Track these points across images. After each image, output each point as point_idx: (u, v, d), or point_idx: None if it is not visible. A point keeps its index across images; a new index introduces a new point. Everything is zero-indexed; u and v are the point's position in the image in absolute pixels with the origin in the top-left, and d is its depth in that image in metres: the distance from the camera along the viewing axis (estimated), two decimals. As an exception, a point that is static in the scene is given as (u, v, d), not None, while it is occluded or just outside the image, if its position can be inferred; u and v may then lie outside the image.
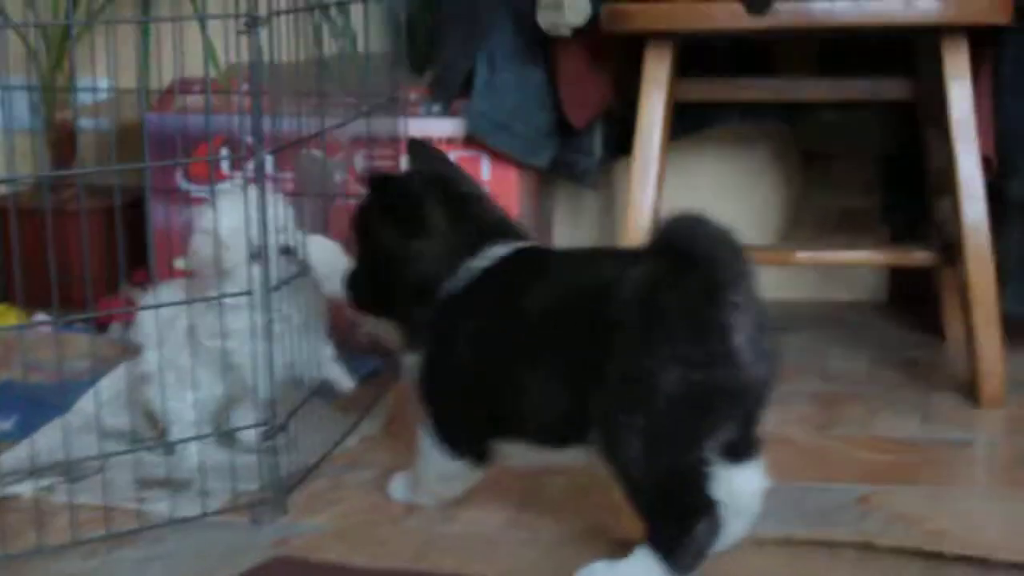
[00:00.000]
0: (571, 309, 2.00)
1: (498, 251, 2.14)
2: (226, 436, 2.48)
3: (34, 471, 2.28)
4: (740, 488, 2.00)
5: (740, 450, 1.99)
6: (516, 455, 2.12)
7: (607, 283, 1.97)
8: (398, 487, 2.30)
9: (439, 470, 2.19)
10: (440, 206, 2.16)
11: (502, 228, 2.19)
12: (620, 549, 1.98)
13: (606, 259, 2.08)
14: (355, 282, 2.25)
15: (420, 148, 2.32)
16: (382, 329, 2.26)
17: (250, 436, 2.39)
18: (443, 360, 2.12)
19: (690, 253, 1.91)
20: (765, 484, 2.02)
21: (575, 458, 2.03)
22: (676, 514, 1.89)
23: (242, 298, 2.28)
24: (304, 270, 2.37)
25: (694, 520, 1.88)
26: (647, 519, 1.92)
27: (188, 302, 2.36)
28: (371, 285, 2.23)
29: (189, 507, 2.26)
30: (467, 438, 2.14)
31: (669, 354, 1.88)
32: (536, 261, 2.14)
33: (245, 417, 2.44)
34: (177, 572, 2.06)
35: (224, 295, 2.29)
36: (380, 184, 2.22)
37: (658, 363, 1.88)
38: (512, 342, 2.04)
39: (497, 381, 2.05)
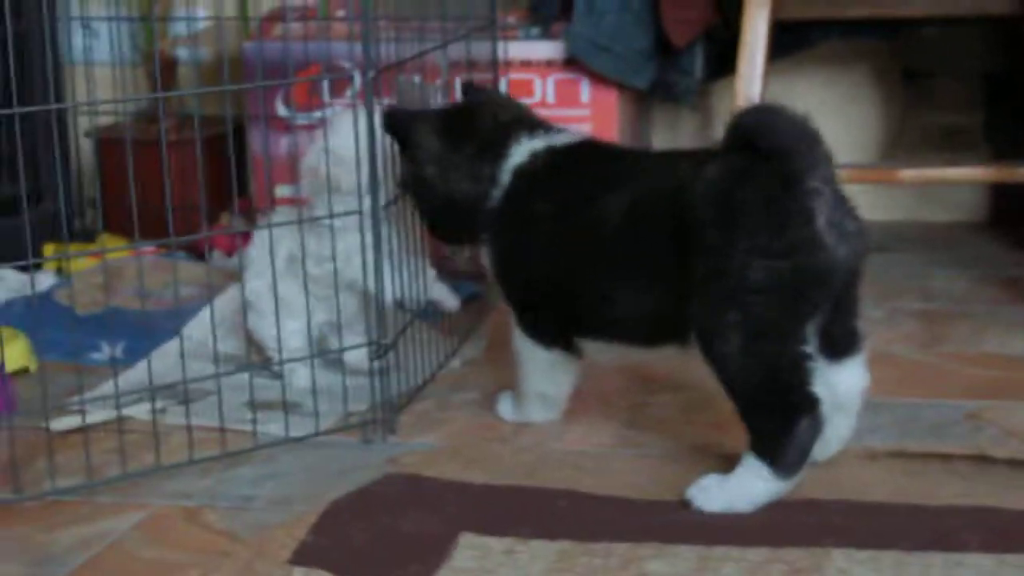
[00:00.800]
0: (647, 212, 2.01)
1: (526, 146, 2.18)
2: (334, 360, 2.50)
3: (149, 394, 2.31)
4: (843, 385, 2.00)
5: (841, 346, 1.99)
6: (604, 352, 2.14)
7: (682, 184, 1.98)
8: (505, 406, 2.32)
9: (536, 364, 2.21)
10: (439, 136, 2.22)
11: (510, 124, 2.22)
12: (728, 464, 1.99)
13: (679, 160, 2.07)
14: (423, 213, 2.31)
15: (471, 88, 2.40)
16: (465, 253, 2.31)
17: (358, 358, 2.40)
18: (512, 257, 2.17)
19: (763, 143, 1.91)
20: (868, 381, 2.03)
21: (666, 356, 2.06)
22: (777, 411, 1.90)
23: (351, 219, 2.29)
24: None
25: (796, 416, 1.89)
26: (748, 418, 1.93)
27: (300, 221, 2.37)
28: (432, 214, 2.28)
29: (300, 427, 2.28)
30: (550, 329, 2.17)
31: (751, 246, 1.89)
32: (589, 156, 2.17)
33: (351, 341, 2.45)
34: (291, 489, 2.09)
35: (335, 215, 2.30)
36: (386, 121, 2.28)
37: (742, 257, 1.89)
38: (584, 248, 2.07)
39: (572, 285, 2.09)
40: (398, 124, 2.26)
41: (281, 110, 3.19)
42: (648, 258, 2.00)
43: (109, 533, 1.96)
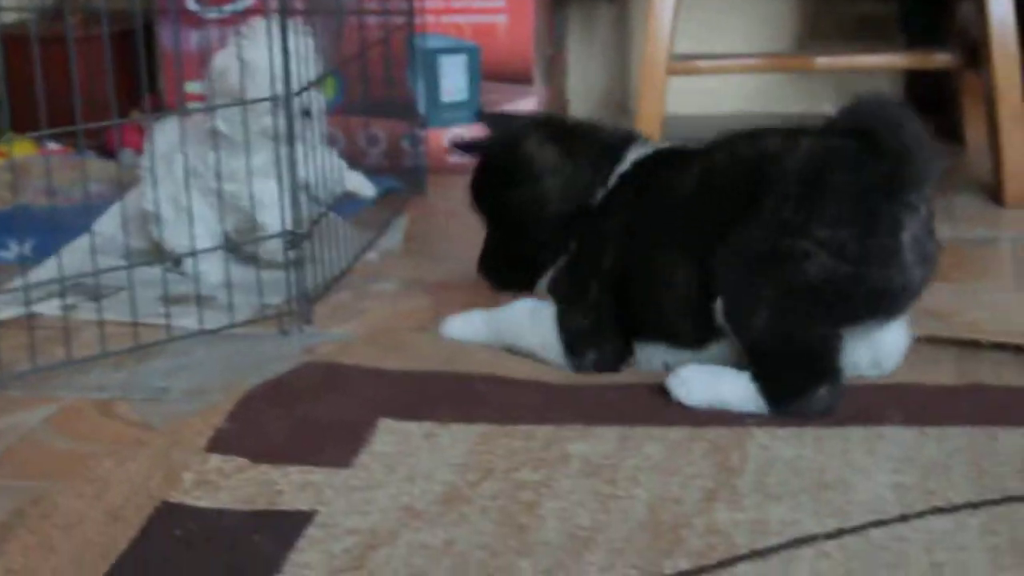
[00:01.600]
0: (723, 183, 1.90)
1: (633, 155, 2.05)
2: (250, 256, 2.46)
3: (59, 290, 2.26)
4: (886, 344, 1.94)
5: None
6: (655, 358, 2.00)
7: (769, 152, 1.87)
8: (454, 327, 2.17)
9: (547, 353, 2.06)
10: (546, 143, 2.07)
11: (626, 136, 2.10)
12: None
13: (771, 132, 1.93)
14: (493, 263, 2.15)
15: (495, 118, 2.23)
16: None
17: (273, 250, 2.36)
18: (589, 262, 2.02)
19: (881, 138, 1.81)
20: (910, 339, 1.96)
21: (712, 359, 1.93)
22: (797, 377, 1.84)
23: (257, 140, 2.28)
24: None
25: (815, 384, 1.83)
26: (765, 374, 1.85)
27: (212, 109, 2.34)
28: (511, 257, 2.12)
29: (215, 320, 2.25)
30: (600, 342, 2.02)
31: (825, 238, 1.80)
32: (681, 154, 2.03)
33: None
34: (206, 380, 2.06)
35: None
36: (481, 153, 2.15)
37: (810, 245, 1.80)
38: (658, 232, 1.95)
39: (644, 274, 1.96)
40: (499, 143, 2.14)
41: (191, 4, 3.13)
42: (713, 230, 1.88)
43: (20, 426, 1.93)
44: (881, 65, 3.02)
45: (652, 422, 1.84)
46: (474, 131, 2.33)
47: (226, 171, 2.34)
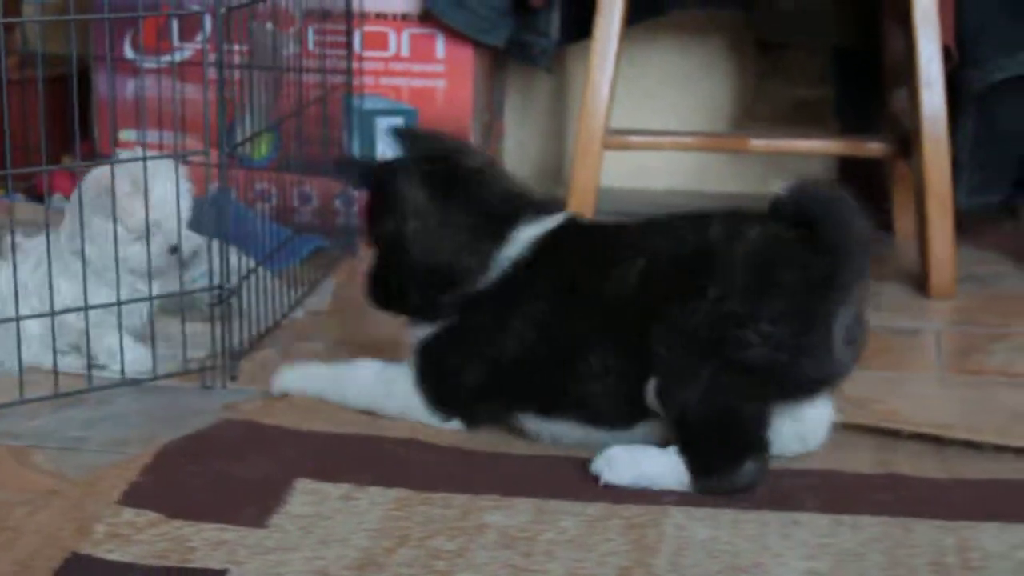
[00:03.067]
0: (667, 268, 1.89)
1: (525, 234, 2.00)
2: (173, 308, 2.44)
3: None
4: (810, 421, 1.95)
5: None
6: (568, 436, 1.99)
7: (719, 240, 1.87)
8: (288, 379, 2.17)
9: (411, 414, 2.07)
10: (424, 187, 2.01)
11: (516, 208, 2.03)
12: None
13: (716, 219, 1.91)
14: (375, 283, 2.10)
15: (408, 135, 2.13)
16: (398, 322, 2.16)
17: (200, 302, 2.35)
18: (483, 339, 1.99)
19: (827, 234, 1.83)
20: (834, 416, 1.98)
21: (634, 438, 1.93)
22: (726, 450, 1.84)
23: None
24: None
25: (742, 457, 1.83)
26: (691, 447, 1.85)
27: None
28: (388, 282, 2.08)
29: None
30: (473, 410, 2.04)
31: (767, 332, 1.81)
32: (595, 235, 2.03)
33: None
34: (125, 432, 2.05)
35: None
36: (364, 173, 2.13)
37: (752, 336, 1.81)
38: (589, 316, 1.93)
39: (564, 360, 1.94)
40: (368, 171, 2.11)
41: (129, 52, 3.13)
42: (651, 314, 1.87)
43: (-67, 470, 1.91)
44: (815, 150, 3.05)
45: (569, 496, 1.84)
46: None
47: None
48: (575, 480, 1.88)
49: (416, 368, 2.05)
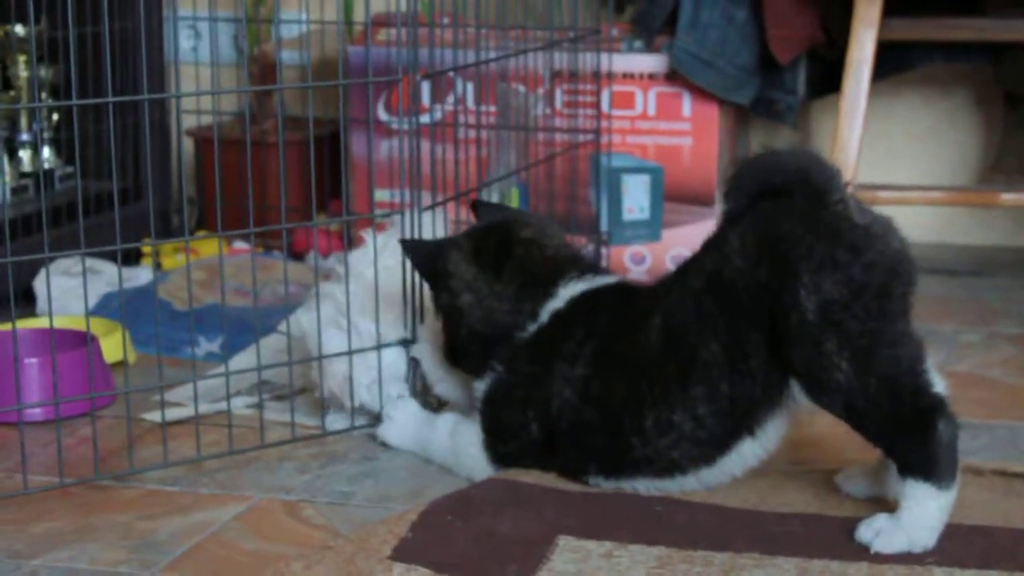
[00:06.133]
0: (693, 313, 1.96)
1: (567, 291, 2.11)
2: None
3: (248, 387, 2.33)
4: None
5: None
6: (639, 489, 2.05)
7: (715, 268, 1.94)
8: (390, 433, 2.25)
9: (464, 463, 2.14)
10: (470, 263, 2.13)
11: (559, 268, 2.13)
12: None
13: (698, 257, 2.00)
14: (447, 348, 2.21)
15: (483, 205, 2.27)
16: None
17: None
18: (532, 390, 2.08)
19: (768, 186, 1.91)
20: None
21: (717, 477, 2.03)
22: (912, 422, 1.85)
23: None
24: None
25: (931, 420, 1.84)
26: (886, 440, 1.89)
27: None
28: (455, 346, 2.19)
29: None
30: (529, 462, 2.10)
31: (814, 268, 1.86)
32: (625, 290, 2.12)
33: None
34: (390, 488, 2.10)
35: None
36: (418, 252, 2.20)
37: (811, 283, 1.86)
38: (631, 375, 2.00)
39: (616, 418, 2.01)
40: (423, 255, 2.19)
41: (381, 114, 3.21)
42: (706, 355, 1.94)
43: (209, 523, 1.98)
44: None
45: (831, 555, 1.84)
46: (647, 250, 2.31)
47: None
48: (835, 538, 1.88)
49: (481, 425, 2.12)
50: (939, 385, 1.91)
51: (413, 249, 2.19)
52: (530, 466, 2.09)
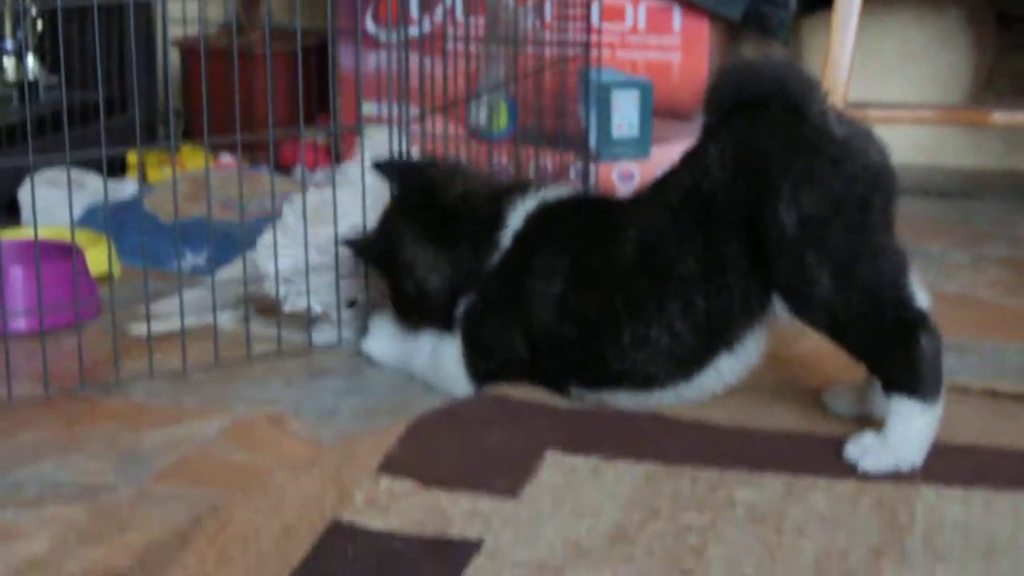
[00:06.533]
0: (672, 223, 1.95)
1: (525, 207, 2.10)
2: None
3: (235, 300, 2.32)
4: None
5: None
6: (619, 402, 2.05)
7: (694, 182, 1.94)
8: (374, 345, 2.25)
9: (444, 383, 2.14)
10: (420, 242, 2.12)
11: (508, 189, 2.14)
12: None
13: (675, 171, 1.99)
14: (401, 311, 2.21)
15: (385, 166, 2.23)
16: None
17: None
18: (511, 310, 2.07)
19: (745, 98, 1.90)
20: None
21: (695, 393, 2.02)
22: (894, 335, 1.85)
23: None
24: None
25: (914, 334, 1.84)
26: (869, 354, 1.88)
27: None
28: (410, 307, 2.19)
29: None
30: (510, 377, 2.10)
31: (795, 182, 1.85)
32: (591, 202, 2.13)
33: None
34: (376, 402, 2.10)
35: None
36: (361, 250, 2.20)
37: (791, 196, 1.85)
38: (607, 288, 2.00)
39: (596, 330, 2.00)
40: (377, 251, 2.18)
41: (370, 26, 3.18)
42: (683, 268, 1.94)
43: (196, 436, 1.97)
44: (1058, 124, 3.00)
45: (818, 472, 1.84)
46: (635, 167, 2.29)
47: None
48: (822, 456, 1.88)
49: (462, 342, 2.12)
50: (922, 300, 1.90)
51: (362, 249, 2.18)
52: (511, 381, 2.09)
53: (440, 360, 2.13)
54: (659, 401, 2.02)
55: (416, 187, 2.17)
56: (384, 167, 2.22)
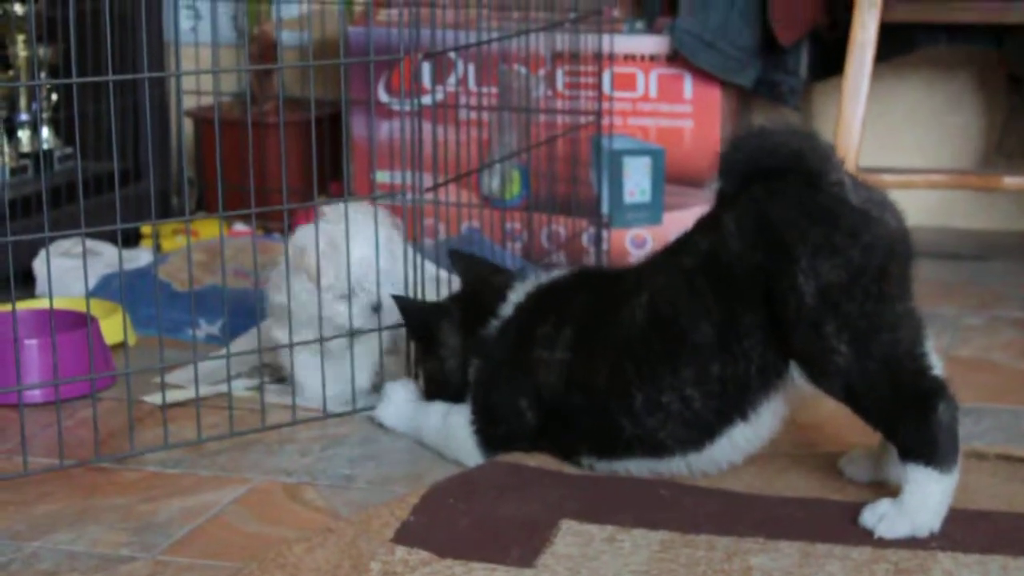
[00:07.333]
0: (683, 292, 1.95)
1: (524, 287, 2.15)
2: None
3: (249, 369, 2.32)
4: None
5: None
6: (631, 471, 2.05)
7: (710, 248, 1.93)
8: (387, 414, 2.27)
9: (453, 451, 2.13)
10: (461, 333, 2.17)
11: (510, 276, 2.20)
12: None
13: (685, 239, 2.00)
14: (429, 389, 2.24)
15: (460, 255, 2.27)
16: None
17: None
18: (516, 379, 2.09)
19: (762, 167, 1.90)
20: None
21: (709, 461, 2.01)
22: (912, 404, 1.84)
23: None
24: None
25: (932, 403, 1.83)
26: (887, 423, 1.88)
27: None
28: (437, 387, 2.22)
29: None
30: (519, 446, 2.09)
31: (812, 251, 1.84)
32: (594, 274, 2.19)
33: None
34: (391, 470, 2.10)
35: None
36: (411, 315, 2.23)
37: (809, 266, 1.84)
38: (614, 356, 2.00)
39: (603, 400, 2.01)
40: (418, 319, 2.22)
41: (383, 96, 3.20)
42: (696, 335, 1.93)
43: (210, 505, 1.97)
44: (1069, 187, 3.00)
45: (834, 539, 1.83)
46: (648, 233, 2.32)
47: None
48: (838, 522, 1.88)
49: (472, 409, 2.13)
50: (938, 368, 1.90)
51: (406, 311, 2.21)
52: (521, 450, 2.08)
53: (450, 429, 2.13)
54: (671, 471, 2.01)
55: (475, 284, 2.22)
56: (456, 257, 2.26)
